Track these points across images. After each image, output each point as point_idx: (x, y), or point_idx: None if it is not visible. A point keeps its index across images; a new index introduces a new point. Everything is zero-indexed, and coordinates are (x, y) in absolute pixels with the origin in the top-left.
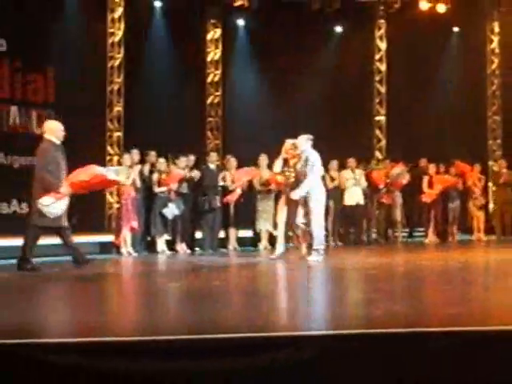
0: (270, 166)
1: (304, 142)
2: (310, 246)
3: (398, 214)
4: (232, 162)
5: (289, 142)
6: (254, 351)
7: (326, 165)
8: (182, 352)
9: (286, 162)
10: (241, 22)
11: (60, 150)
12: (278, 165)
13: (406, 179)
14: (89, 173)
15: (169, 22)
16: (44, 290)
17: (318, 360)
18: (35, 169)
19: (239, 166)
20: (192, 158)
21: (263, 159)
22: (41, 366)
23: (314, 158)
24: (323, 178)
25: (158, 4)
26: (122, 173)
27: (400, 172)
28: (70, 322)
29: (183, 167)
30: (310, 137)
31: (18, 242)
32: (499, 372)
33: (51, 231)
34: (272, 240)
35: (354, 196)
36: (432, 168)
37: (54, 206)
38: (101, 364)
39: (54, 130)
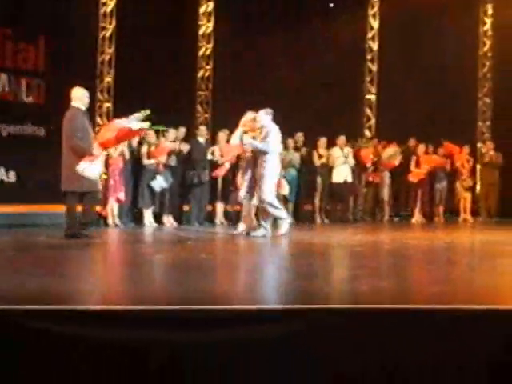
0: None
1: (264, 117)
2: (257, 221)
3: (386, 193)
4: (221, 136)
5: (250, 115)
6: (238, 323)
7: (314, 142)
8: (166, 322)
9: (244, 134)
10: None
11: (86, 116)
12: (236, 136)
13: (398, 161)
14: (113, 129)
15: None
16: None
17: (304, 333)
18: (64, 136)
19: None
20: (183, 130)
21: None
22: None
23: (273, 134)
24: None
25: None
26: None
27: (393, 153)
28: (51, 290)
29: (172, 140)
30: (270, 111)
31: (5, 209)
32: (483, 349)
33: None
34: (257, 215)
35: (342, 173)
36: (421, 148)
37: (91, 167)
38: (83, 332)
39: (80, 97)
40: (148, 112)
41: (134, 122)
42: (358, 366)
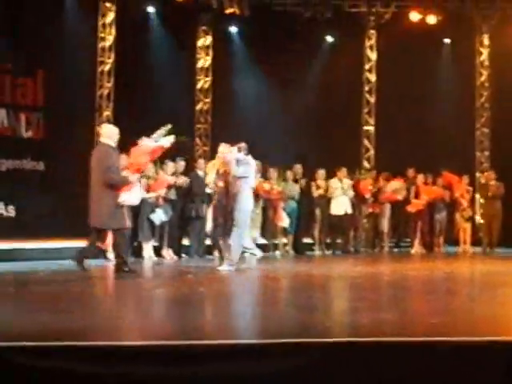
0: (263, 176)
1: (237, 154)
2: (222, 256)
3: (385, 224)
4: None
5: (224, 147)
6: (239, 358)
7: (313, 173)
8: (166, 358)
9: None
10: (232, 30)
11: (116, 152)
12: (211, 169)
13: (402, 195)
14: (145, 152)
15: (161, 28)
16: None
17: (304, 367)
18: (95, 173)
19: None
20: (182, 163)
21: None
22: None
23: (247, 167)
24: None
25: (151, 10)
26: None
27: (398, 187)
28: (49, 326)
29: (171, 173)
30: (244, 146)
31: (6, 245)
32: (484, 381)
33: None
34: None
35: (341, 205)
36: (420, 178)
37: (131, 196)
38: (84, 368)
39: (110, 135)
40: (169, 126)
41: (161, 139)
42: None
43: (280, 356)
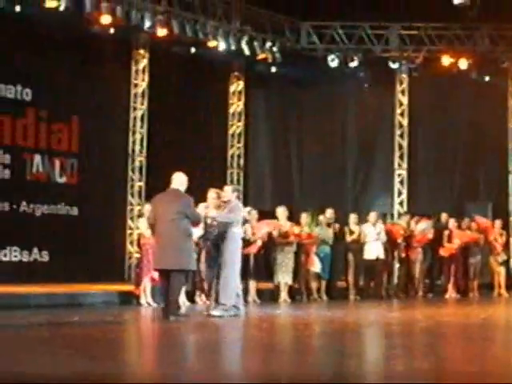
0: (289, 218)
1: (230, 193)
2: (216, 299)
3: (418, 269)
4: (253, 214)
5: (212, 191)
6: None
7: (346, 219)
8: None
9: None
10: (263, 76)
11: None
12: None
13: (431, 234)
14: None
15: (193, 74)
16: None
17: None
18: (171, 215)
19: (260, 218)
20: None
21: (282, 211)
22: None
23: (237, 210)
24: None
25: (184, 56)
26: None
27: (426, 227)
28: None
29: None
30: (237, 187)
31: (40, 289)
32: None
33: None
34: (291, 293)
35: (374, 250)
36: (452, 222)
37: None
38: None
39: (183, 183)
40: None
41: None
42: None
43: None
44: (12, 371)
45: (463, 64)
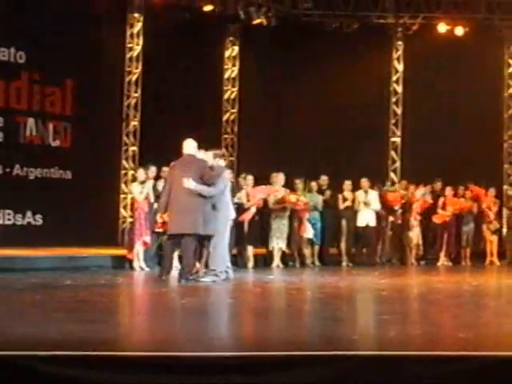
0: (285, 185)
1: (212, 159)
2: (206, 266)
3: (412, 236)
4: (249, 179)
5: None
6: (266, 370)
7: (340, 185)
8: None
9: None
10: (259, 40)
11: None
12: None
13: (429, 199)
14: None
15: (188, 38)
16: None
17: (331, 380)
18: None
19: (254, 184)
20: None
21: (278, 176)
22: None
23: (220, 181)
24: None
25: (178, 20)
26: None
27: (424, 192)
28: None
29: None
30: (219, 153)
31: (33, 253)
32: None
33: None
34: (284, 258)
35: (364, 217)
36: (449, 190)
37: None
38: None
39: (195, 147)
40: None
41: None
42: None
43: (306, 368)
44: (1, 332)
45: (459, 31)
